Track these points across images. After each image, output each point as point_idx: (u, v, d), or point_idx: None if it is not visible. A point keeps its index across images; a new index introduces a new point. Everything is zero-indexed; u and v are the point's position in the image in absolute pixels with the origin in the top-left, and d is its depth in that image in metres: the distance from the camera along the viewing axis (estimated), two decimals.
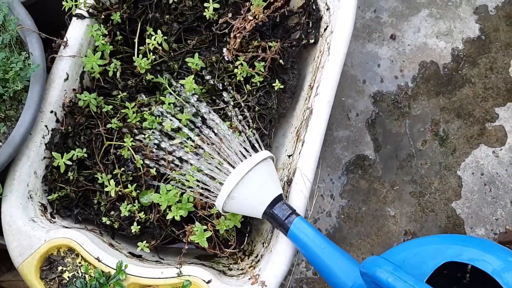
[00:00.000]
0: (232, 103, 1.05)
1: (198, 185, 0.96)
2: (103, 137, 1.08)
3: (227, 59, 1.12)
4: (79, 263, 0.93)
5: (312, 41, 1.17)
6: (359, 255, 1.28)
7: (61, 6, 1.08)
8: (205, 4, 1.12)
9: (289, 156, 1.09)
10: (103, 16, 1.07)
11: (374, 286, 0.70)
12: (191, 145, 0.98)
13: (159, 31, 1.11)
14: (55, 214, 1.04)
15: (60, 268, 0.93)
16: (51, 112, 1.01)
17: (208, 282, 0.90)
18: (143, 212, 1.01)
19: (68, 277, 0.93)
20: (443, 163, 1.35)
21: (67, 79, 1.03)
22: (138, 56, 1.10)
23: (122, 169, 1.05)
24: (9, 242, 0.93)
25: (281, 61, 1.14)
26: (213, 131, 0.97)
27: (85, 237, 0.93)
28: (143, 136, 1.04)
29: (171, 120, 1.01)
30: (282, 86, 1.12)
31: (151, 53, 1.11)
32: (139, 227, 1.01)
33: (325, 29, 1.15)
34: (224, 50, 1.12)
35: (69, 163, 1.01)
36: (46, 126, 1.00)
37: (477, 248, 0.72)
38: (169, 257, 1.07)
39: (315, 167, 0.98)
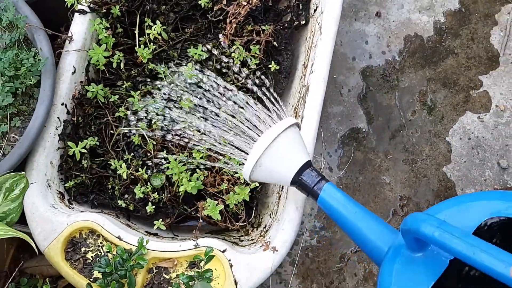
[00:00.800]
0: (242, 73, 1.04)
1: (216, 153, 0.94)
2: (112, 126, 1.13)
3: (223, 45, 1.18)
4: (101, 243, 1.00)
5: (303, 22, 1.24)
6: None
7: (58, 4, 1.13)
8: None
9: None
10: (103, 10, 1.12)
11: (415, 245, 0.68)
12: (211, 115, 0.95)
13: (157, 22, 1.16)
14: (72, 200, 1.10)
15: (83, 249, 0.99)
16: (62, 104, 1.06)
17: (223, 251, 0.97)
18: (156, 193, 1.08)
19: (92, 256, 0.99)
20: (432, 131, 1.43)
21: (74, 72, 1.08)
22: (140, 47, 1.16)
23: (132, 154, 1.11)
24: (33, 228, 0.99)
25: (275, 43, 1.21)
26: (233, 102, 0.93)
27: (105, 218, 0.99)
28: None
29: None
30: (277, 67, 1.19)
31: (151, 43, 1.17)
32: (153, 207, 1.07)
33: (314, 10, 1.21)
34: (220, 36, 1.18)
35: (84, 151, 1.07)
36: (58, 118, 1.06)
37: None
38: (183, 234, 1.14)
39: (315, 140, 1.05)
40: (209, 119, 0.95)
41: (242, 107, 0.92)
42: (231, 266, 0.97)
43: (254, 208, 1.17)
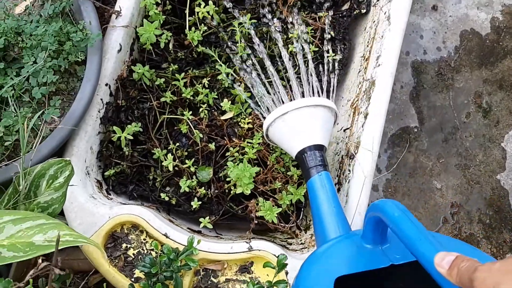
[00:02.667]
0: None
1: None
2: (156, 111, 1.04)
3: (278, 30, 1.09)
4: (144, 239, 0.91)
5: (364, 11, 1.14)
6: None
7: None
8: None
9: (344, 130, 1.07)
10: None
11: (370, 233, 0.69)
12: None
13: (210, 2, 1.07)
14: (111, 190, 1.01)
15: (124, 245, 0.91)
16: (106, 85, 0.97)
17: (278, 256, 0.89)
18: (203, 188, 0.99)
19: (133, 254, 0.90)
20: (487, 135, 1.34)
21: (120, 50, 0.99)
22: (190, 29, 1.06)
23: (177, 144, 1.03)
24: (71, 220, 0.90)
25: (331, 33, 1.11)
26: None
27: (150, 213, 0.91)
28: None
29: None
30: (335, 57, 1.10)
31: (202, 24, 1.07)
32: (199, 203, 0.99)
33: None
34: (275, 20, 1.09)
35: (130, 137, 0.98)
36: (101, 99, 0.96)
37: None
38: (225, 232, 1.06)
39: (381, 137, 0.96)
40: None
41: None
42: (286, 273, 0.88)
43: (302, 210, 1.08)
